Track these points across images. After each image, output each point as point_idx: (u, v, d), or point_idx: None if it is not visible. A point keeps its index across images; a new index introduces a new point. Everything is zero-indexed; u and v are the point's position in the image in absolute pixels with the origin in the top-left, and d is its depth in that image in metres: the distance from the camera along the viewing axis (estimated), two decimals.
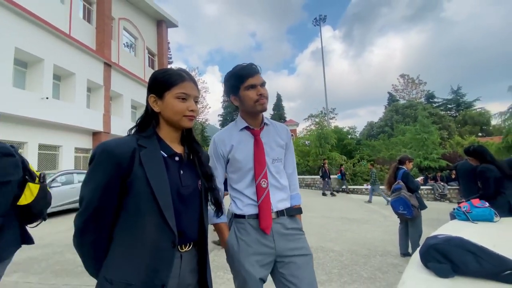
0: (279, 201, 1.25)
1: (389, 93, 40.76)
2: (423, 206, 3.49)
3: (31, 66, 11.06)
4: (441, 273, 1.03)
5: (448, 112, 33.56)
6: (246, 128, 1.28)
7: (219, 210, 1.04)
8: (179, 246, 0.86)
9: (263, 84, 1.22)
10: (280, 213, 1.24)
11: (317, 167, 15.30)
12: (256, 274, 1.14)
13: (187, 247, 0.90)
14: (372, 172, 10.10)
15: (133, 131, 0.93)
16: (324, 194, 11.33)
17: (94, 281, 0.83)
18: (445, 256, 1.07)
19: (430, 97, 35.42)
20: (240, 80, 1.21)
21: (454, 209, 2.10)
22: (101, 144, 0.81)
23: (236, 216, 1.24)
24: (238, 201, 1.26)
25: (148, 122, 0.92)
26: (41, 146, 11.20)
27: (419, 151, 16.15)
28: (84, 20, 14.09)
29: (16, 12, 9.82)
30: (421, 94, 38.16)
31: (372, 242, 4.24)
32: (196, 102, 0.94)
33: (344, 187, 13.01)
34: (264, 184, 1.23)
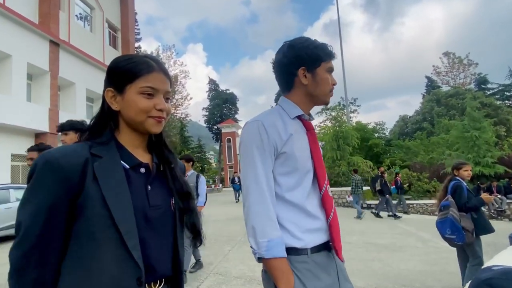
0: None
1: (428, 77, 41.11)
2: (483, 230, 3.39)
3: None
4: None
5: (506, 101, 33.79)
6: (299, 117, 1.25)
7: (196, 239, 1.03)
8: (146, 285, 0.86)
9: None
10: None
11: (335, 174, 15.29)
12: None
13: (158, 285, 0.90)
14: (353, 179, 11.14)
15: (84, 136, 0.92)
16: (378, 216, 10.96)
17: None
18: None
19: (482, 82, 35.69)
20: (324, 56, 1.22)
21: None
22: (43, 154, 0.80)
23: (292, 251, 1.10)
24: (292, 225, 1.12)
25: (105, 123, 0.92)
26: None
27: (468, 153, 16.22)
28: None
29: None
30: (470, 79, 38.52)
31: (408, 275, 4.23)
32: (168, 99, 0.94)
33: (401, 204, 11.94)
34: (331, 193, 1.19)
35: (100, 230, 0.80)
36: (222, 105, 50.55)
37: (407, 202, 12.43)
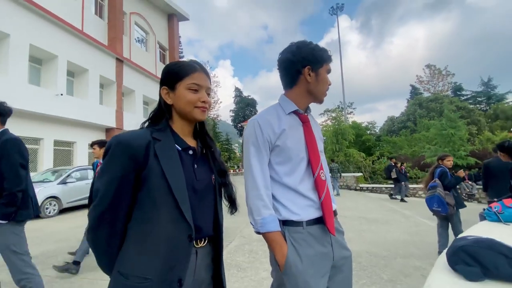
0: (332, 201, 1.14)
1: (412, 86, 39.40)
2: (461, 205, 3.59)
3: (45, 63, 11.54)
4: (470, 277, 1.00)
5: (478, 105, 32.01)
6: (295, 112, 1.15)
7: (233, 206, 1.02)
8: (194, 242, 0.86)
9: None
10: (334, 214, 1.13)
11: (333, 163, 15.09)
12: None
13: (203, 242, 0.90)
14: (330, 167, 11.07)
15: (146, 124, 0.93)
16: (392, 197, 10.20)
17: (107, 276, 0.84)
18: (474, 259, 1.03)
19: (457, 89, 33.88)
20: (327, 58, 1.15)
21: (484, 209, 2.01)
22: (116, 136, 0.82)
23: (290, 223, 1.06)
24: (290, 202, 1.07)
25: (161, 115, 0.93)
26: (56, 142, 11.72)
27: (444, 147, 15.53)
28: (96, 16, 14.50)
29: (30, 9, 10.24)
30: (448, 87, 36.60)
31: (393, 243, 4.15)
32: (208, 94, 0.94)
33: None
34: (323, 177, 1.10)
35: (159, 197, 0.80)
36: (245, 108, 50.46)
37: (392, 186, 12.11)
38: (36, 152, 10.94)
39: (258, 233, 1.06)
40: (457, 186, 3.70)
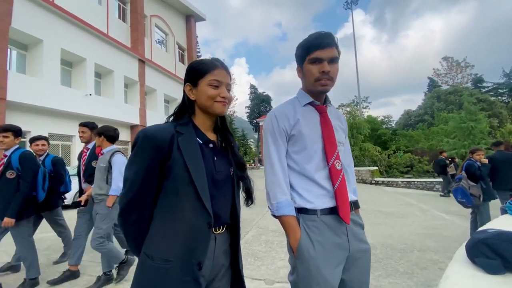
0: (350, 191, 1.12)
1: (429, 78, 37.54)
2: (490, 197, 3.63)
3: (75, 66, 12.06)
4: (491, 269, 0.95)
5: (500, 97, 30.01)
6: (311, 103, 1.15)
7: (249, 198, 1.04)
8: (213, 228, 0.89)
9: (332, 59, 1.07)
10: (350, 206, 1.09)
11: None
12: (335, 284, 1.00)
13: (221, 229, 0.93)
14: None
15: (170, 119, 0.97)
16: (448, 194, 8.63)
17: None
18: (495, 252, 0.98)
19: (478, 81, 31.91)
20: (306, 50, 1.09)
21: (506, 203, 1.91)
22: (143, 129, 0.86)
23: (305, 211, 1.06)
24: (305, 191, 1.07)
25: (185, 110, 0.96)
26: None
27: (464, 141, 14.76)
28: (119, 20, 14.91)
29: (61, 15, 10.70)
30: (467, 79, 34.55)
31: (409, 236, 4.02)
32: (228, 90, 0.95)
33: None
34: (338, 165, 1.08)
35: (182, 186, 0.84)
36: (259, 104, 50.37)
37: (409, 180, 11.70)
38: (69, 148, 11.53)
39: (274, 216, 1.08)
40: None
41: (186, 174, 0.83)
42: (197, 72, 0.93)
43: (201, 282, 0.84)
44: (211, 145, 0.95)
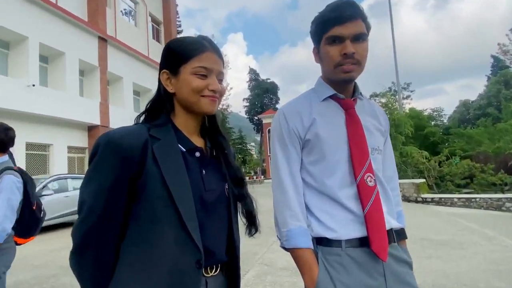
0: (389, 214, 1.10)
1: (494, 57, 37.62)
2: None
3: (13, 47, 12.22)
4: None
5: None
6: (333, 97, 1.15)
7: (252, 225, 1.03)
8: (204, 269, 0.87)
9: (357, 36, 1.05)
10: (390, 235, 1.06)
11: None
12: None
13: (214, 271, 0.92)
14: None
15: (142, 118, 0.97)
16: None
17: None
18: None
19: None
20: (322, 26, 1.08)
21: None
22: (105, 135, 0.84)
23: (325, 242, 1.05)
24: (325, 215, 1.07)
25: (161, 106, 0.95)
26: (29, 146, 12.38)
27: None
28: None
29: None
30: None
31: (469, 274, 3.99)
32: (220, 80, 0.95)
33: None
34: (370, 181, 1.07)
35: (160, 211, 0.82)
36: (262, 95, 50.63)
37: (468, 196, 11.62)
38: None
39: (284, 248, 1.08)
40: None
41: (165, 194, 0.82)
42: (178, 55, 0.92)
43: None
44: (197, 154, 0.95)
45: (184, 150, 0.92)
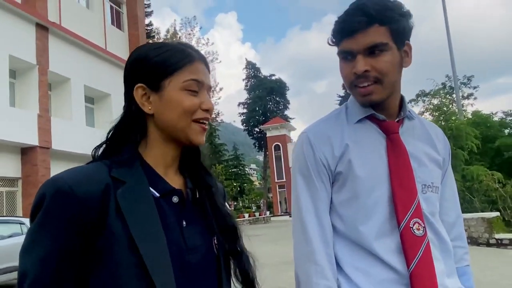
0: (444, 273, 1.17)
1: None
2: None
3: None
4: None
5: None
6: (371, 118, 1.23)
7: (246, 287, 1.06)
8: None
9: (372, 49, 1.14)
10: None
11: None
12: None
13: None
14: None
15: (100, 151, 0.98)
16: None
17: None
18: None
19: None
20: (335, 40, 1.22)
21: None
22: (52, 182, 0.85)
23: None
24: (359, 273, 1.15)
25: (127, 134, 0.98)
26: None
27: None
28: None
29: None
30: None
31: None
32: (209, 95, 1.01)
33: None
34: (418, 229, 1.13)
35: (127, 284, 0.83)
36: (266, 98, 50.95)
37: None
38: None
39: None
40: None
41: (135, 261, 0.83)
42: (160, 65, 0.95)
43: None
44: (175, 199, 0.97)
45: (158, 195, 0.93)
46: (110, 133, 0.99)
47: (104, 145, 0.99)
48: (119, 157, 0.94)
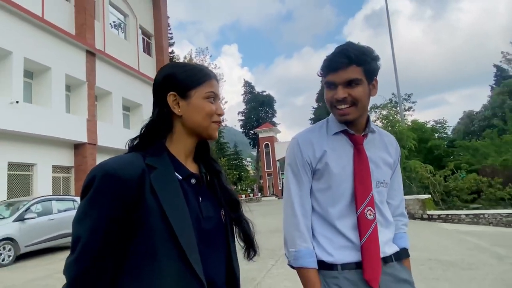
0: (386, 243, 1.26)
1: (496, 66, 38.39)
2: None
3: None
4: None
5: None
6: (344, 132, 1.30)
7: (250, 248, 1.06)
8: None
9: (350, 82, 1.21)
10: (387, 260, 1.24)
11: None
12: None
13: None
14: None
15: (135, 142, 0.98)
16: None
17: None
18: None
19: None
20: (323, 72, 1.28)
21: None
22: (101, 166, 0.85)
23: (323, 265, 1.21)
24: (325, 240, 1.23)
25: (158, 130, 0.97)
26: (11, 165, 12.27)
27: None
28: None
29: None
30: None
31: None
32: None
33: None
34: (370, 215, 1.22)
35: (159, 245, 0.83)
36: (258, 108, 50.86)
37: (476, 212, 11.61)
38: None
39: (292, 267, 1.24)
40: None
41: (166, 228, 0.83)
42: (188, 79, 0.96)
43: None
44: (193, 181, 0.97)
45: (181, 178, 0.94)
46: (146, 128, 0.99)
47: (138, 139, 0.99)
48: (151, 149, 0.94)
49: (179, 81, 0.97)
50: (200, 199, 0.96)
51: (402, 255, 1.30)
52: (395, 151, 1.39)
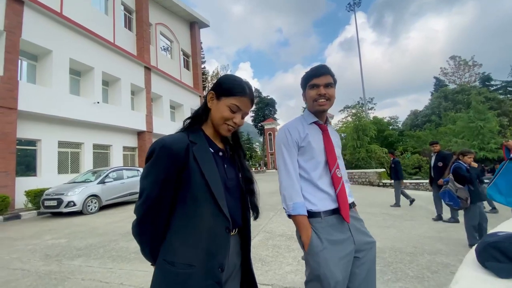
0: (349, 195, 1.30)
1: (436, 78, 37.10)
2: (477, 199, 3.56)
3: (84, 75, 12.33)
4: (501, 273, 0.93)
5: (509, 95, 29.35)
6: (315, 122, 1.34)
7: (255, 212, 1.07)
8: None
9: (327, 85, 1.27)
10: (350, 206, 1.28)
11: (355, 159, 14.63)
12: (341, 274, 1.13)
13: (234, 232, 0.97)
14: None
15: (187, 122, 1.01)
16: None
17: (143, 267, 0.90)
18: (506, 255, 0.96)
19: (486, 80, 31.28)
20: (307, 79, 1.32)
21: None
22: (159, 141, 0.87)
23: (310, 214, 1.22)
24: (310, 195, 1.25)
25: (200, 116, 0.99)
26: (95, 146, 12.50)
27: (473, 141, 14.50)
28: (125, 29, 15.23)
29: (69, 26, 10.99)
30: (475, 78, 34.03)
31: (418, 239, 3.95)
32: (243, 117, 1.00)
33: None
34: (339, 174, 1.27)
35: (200, 194, 0.86)
36: (264, 108, 50.37)
37: (417, 181, 11.49)
38: (78, 155, 11.73)
39: (289, 216, 1.24)
40: (487, 180, 3.66)
41: (203, 182, 0.86)
42: (226, 88, 0.95)
43: (222, 284, 0.86)
44: (221, 154, 0.99)
45: (212, 151, 0.96)
46: (194, 115, 1.01)
47: (188, 121, 1.00)
48: (192, 130, 0.96)
49: (221, 87, 0.96)
50: (225, 166, 0.98)
51: (354, 204, 1.35)
52: (339, 141, 1.43)
